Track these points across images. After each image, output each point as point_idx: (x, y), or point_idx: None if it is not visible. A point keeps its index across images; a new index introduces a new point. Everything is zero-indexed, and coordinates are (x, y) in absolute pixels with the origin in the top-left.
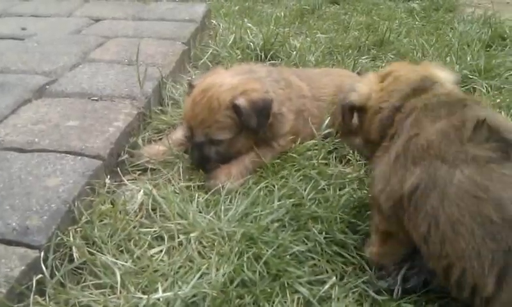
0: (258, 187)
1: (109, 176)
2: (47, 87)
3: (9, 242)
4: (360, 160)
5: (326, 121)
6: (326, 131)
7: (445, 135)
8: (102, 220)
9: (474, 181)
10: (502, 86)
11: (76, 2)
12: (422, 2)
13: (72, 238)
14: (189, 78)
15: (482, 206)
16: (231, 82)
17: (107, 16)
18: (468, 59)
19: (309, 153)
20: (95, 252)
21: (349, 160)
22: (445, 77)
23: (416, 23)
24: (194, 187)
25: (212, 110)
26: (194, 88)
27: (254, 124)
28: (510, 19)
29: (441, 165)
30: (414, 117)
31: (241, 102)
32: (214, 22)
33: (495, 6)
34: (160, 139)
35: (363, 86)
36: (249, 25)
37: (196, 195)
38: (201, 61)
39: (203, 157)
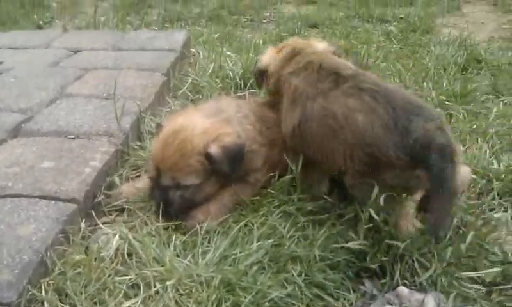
0: (238, 227)
1: (84, 220)
2: (23, 125)
3: None
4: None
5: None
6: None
7: (305, 82)
8: (76, 270)
9: (323, 106)
10: (478, 111)
11: (55, 33)
12: (399, 24)
13: (43, 292)
14: (168, 109)
15: (328, 120)
16: (203, 125)
17: (86, 47)
18: (445, 84)
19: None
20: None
21: (330, 191)
22: (320, 46)
23: (394, 46)
24: (172, 228)
25: (184, 154)
26: (163, 128)
27: (227, 170)
28: (485, 40)
29: (308, 101)
30: (290, 74)
31: (214, 149)
32: (194, 50)
33: (470, 27)
34: (138, 176)
35: (265, 57)
36: (229, 53)
37: (174, 237)
38: (181, 91)
39: (166, 201)
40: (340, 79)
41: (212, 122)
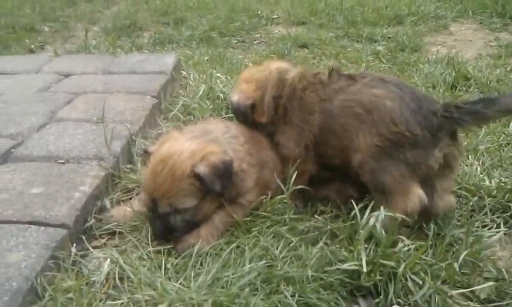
0: (230, 248)
1: (74, 245)
2: (13, 151)
3: None
4: (332, 211)
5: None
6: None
7: (318, 90)
8: (67, 295)
9: (345, 99)
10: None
11: (45, 58)
12: (388, 43)
13: None
14: (160, 131)
15: (354, 109)
16: (189, 148)
17: (76, 71)
18: None
19: (279, 206)
20: None
21: (322, 211)
22: (279, 64)
23: (383, 65)
24: (163, 252)
25: (175, 179)
26: (150, 156)
27: (217, 187)
28: (473, 58)
29: (325, 103)
30: (293, 95)
31: (202, 169)
32: (185, 72)
33: (458, 44)
34: (130, 198)
35: (248, 92)
36: (219, 74)
37: (165, 260)
38: (172, 113)
39: (168, 228)
40: (355, 77)
41: (199, 143)
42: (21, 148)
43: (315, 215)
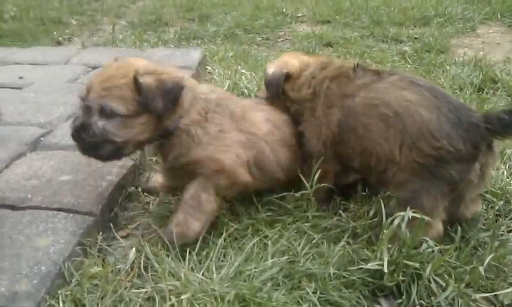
0: (252, 243)
1: (101, 233)
2: (42, 139)
3: None
4: (356, 208)
5: None
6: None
7: (341, 84)
8: (93, 281)
9: (368, 97)
10: None
11: (73, 50)
12: (414, 43)
13: (61, 303)
14: None
15: (379, 108)
16: (146, 64)
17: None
18: None
19: (302, 203)
20: None
21: (345, 208)
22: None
23: (409, 66)
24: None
25: (116, 77)
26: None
27: (158, 105)
28: (500, 61)
29: (346, 99)
30: (329, 79)
31: (146, 79)
32: (210, 68)
33: (485, 47)
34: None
35: (293, 61)
36: (243, 71)
37: (189, 250)
38: None
39: (84, 126)
40: (382, 74)
41: (161, 67)
42: (50, 137)
43: (339, 212)
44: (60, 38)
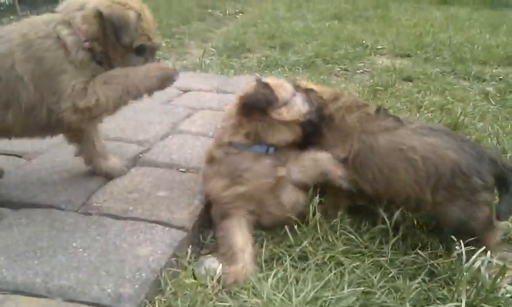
0: (329, 268)
1: (190, 247)
2: (141, 155)
3: None
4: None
5: None
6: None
7: (361, 119)
8: (184, 291)
9: (393, 140)
10: None
11: None
12: (498, 83)
13: None
14: None
15: (406, 153)
16: None
17: (194, 88)
18: None
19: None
20: None
21: (423, 246)
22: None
23: (492, 107)
24: (275, 261)
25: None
26: None
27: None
28: None
29: (367, 135)
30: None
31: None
32: None
33: None
34: None
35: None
36: None
37: (275, 272)
38: None
39: None
40: (403, 121)
41: None
42: (148, 154)
43: (417, 250)
44: None
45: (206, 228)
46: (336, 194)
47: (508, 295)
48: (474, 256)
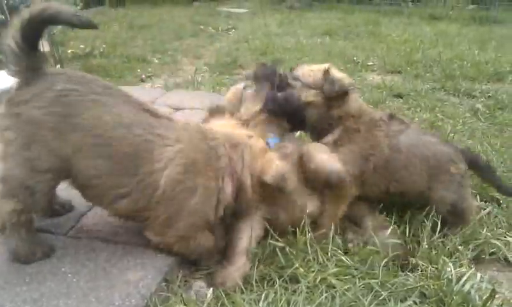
0: (320, 290)
1: (181, 271)
2: None
3: None
4: (423, 269)
5: None
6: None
7: (381, 128)
8: None
9: (410, 139)
10: None
11: (159, 91)
12: (487, 100)
13: None
14: None
15: (420, 149)
16: None
17: (186, 106)
18: None
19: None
20: None
21: (412, 268)
22: None
23: (481, 124)
24: (265, 281)
25: None
26: None
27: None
28: None
29: (391, 139)
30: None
31: None
32: None
33: None
34: None
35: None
36: None
37: (265, 292)
38: None
39: None
40: (406, 121)
41: None
42: None
43: (406, 272)
44: (143, 76)
45: None
46: (336, 202)
47: None
48: (464, 278)
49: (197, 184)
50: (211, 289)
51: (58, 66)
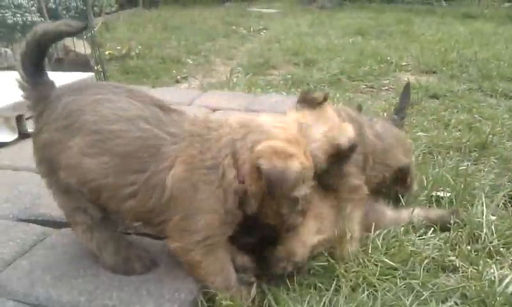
0: (361, 288)
1: None
2: None
3: None
4: (463, 270)
5: None
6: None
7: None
8: None
9: (383, 126)
10: None
11: (196, 92)
12: None
13: None
14: None
15: (393, 131)
16: None
17: (222, 107)
18: None
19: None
20: None
21: (454, 269)
22: None
23: None
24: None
25: None
26: None
27: None
28: None
29: (373, 130)
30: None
31: None
32: None
33: None
34: None
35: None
36: None
37: (310, 293)
38: None
39: None
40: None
41: None
42: None
43: (447, 273)
44: (178, 77)
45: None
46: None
47: None
48: (507, 280)
49: (197, 179)
50: (254, 285)
51: (98, 66)
